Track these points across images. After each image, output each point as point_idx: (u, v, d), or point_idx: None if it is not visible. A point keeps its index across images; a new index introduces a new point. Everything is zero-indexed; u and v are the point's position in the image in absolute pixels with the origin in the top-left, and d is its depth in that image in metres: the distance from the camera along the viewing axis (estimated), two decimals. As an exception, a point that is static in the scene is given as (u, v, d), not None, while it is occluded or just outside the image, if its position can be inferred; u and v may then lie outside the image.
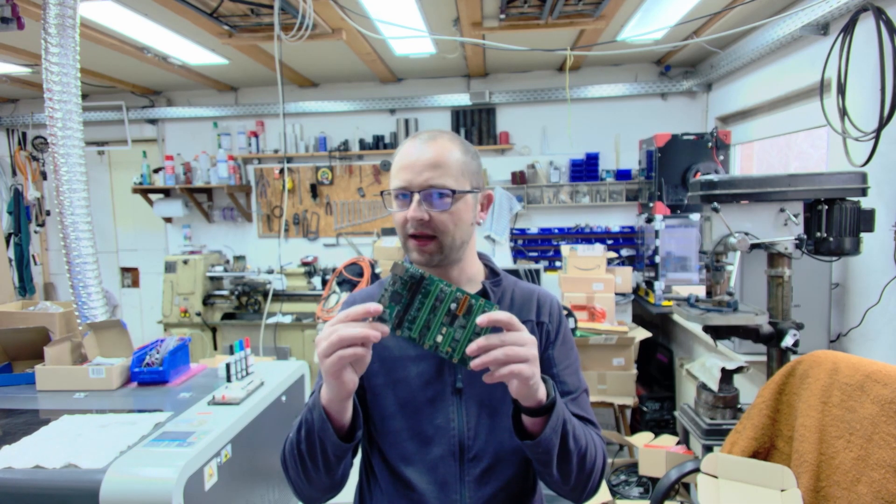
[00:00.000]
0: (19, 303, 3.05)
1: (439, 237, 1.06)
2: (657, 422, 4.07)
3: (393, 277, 0.90)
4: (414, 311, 0.89)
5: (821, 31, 2.91)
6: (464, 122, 5.17)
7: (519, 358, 0.86)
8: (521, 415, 0.96)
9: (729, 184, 2.25)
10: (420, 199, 1.04)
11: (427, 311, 0.89)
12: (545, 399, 0.93)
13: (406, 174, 1.05)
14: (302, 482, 1.04)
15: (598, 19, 3.39)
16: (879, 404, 1.53)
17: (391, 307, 0.89)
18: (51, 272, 5.90)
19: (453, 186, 1.05)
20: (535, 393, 0.91)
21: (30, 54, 3.90)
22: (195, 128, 5.47)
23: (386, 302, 0.89)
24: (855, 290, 2.67)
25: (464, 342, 0.88)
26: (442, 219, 1.05)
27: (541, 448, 0.95)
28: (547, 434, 0.94)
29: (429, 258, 1.07)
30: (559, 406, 0.95)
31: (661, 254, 4.20)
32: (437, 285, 0.89)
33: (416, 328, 0.89)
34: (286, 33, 2.93)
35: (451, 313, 0.89)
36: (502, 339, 0.86)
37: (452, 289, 0.90)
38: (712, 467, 1.79)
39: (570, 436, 0.98)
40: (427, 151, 1.05)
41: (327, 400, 0.94)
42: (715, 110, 4.66)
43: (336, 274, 4.11)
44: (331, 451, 0.97)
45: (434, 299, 0.89)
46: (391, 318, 0.89)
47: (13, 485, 1.36)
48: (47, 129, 2.30)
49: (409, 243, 1.08)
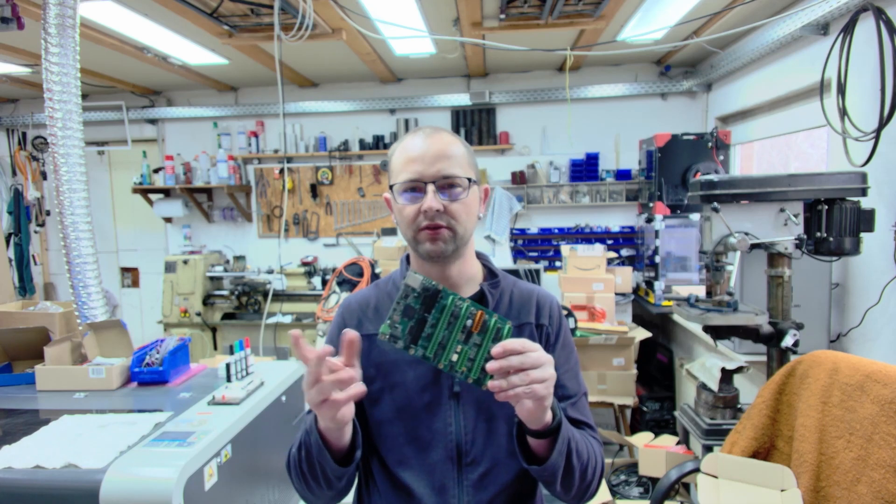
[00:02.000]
0: (19, 303, 3.05)
1: (453, 227, 1.05)
2: (657, 422, 4.07)
3: (405, 290, 0.85)
4: (429, 327, 0.85)
5: (821, 31, 2.91)
6: (464, 122, 5.17)
7: (536, 380, 0.84)
8: (526, 436, 0.95)
9: (729, 184, 2.25)
10: (435, 189, 1.03)
11: (443, 329, 0.85)
12: (552, 420, 0.92)
13: (416, 166, 1.04)
14: (306, 492, 1.06)
15: (598, 19, 3.39)
16: (879, 404, 1.53)
17: (403, 322, 0.85)
18: (51, 272, 5.90)
19: (464, 175, 1.05)
20: (544, 416, 0.90)
21: (30, 54, 3.89)
22: (195, 128, 5.47)
23: (398, 317, 0.85)
24: (855, 290, 2.67)
25: (479, 361, 0.85)
26: (456, 208, 1.04)
27: (547, 472, 0.95)
28: (554, 459, 0.93)
29: (443, 247, 1.05)
30: (565, 428, 0.94)
31: (661, 254, 4.20)
32: (453, 299, 0.86)
33: (432, 347, 0.85)
34: (286, 33, 2.93)
35: (467, 330, 0.85)
36: (522, 362, 0.83)
37: (466, 303, 0.86)
38: (712, 467, 1.79)
39: (574, 454, 0.97)
40: (434, 143, 1.05)
41: (324, 428, 0.94)
42: (715, 110, 4.66)
43: (336, 274, 4.10)
44: (330, 474, 0.98)
45: (450, 315, 0.85)
46: (403, 335, 0.85)
47: (13, 485, 1.36)
48: (47, 129, 2.30)
49: (421, 235, 1.05)
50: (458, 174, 1.04)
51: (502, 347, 0.84)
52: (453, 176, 1.04)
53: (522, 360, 0.84)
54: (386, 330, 0.86)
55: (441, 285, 0.87)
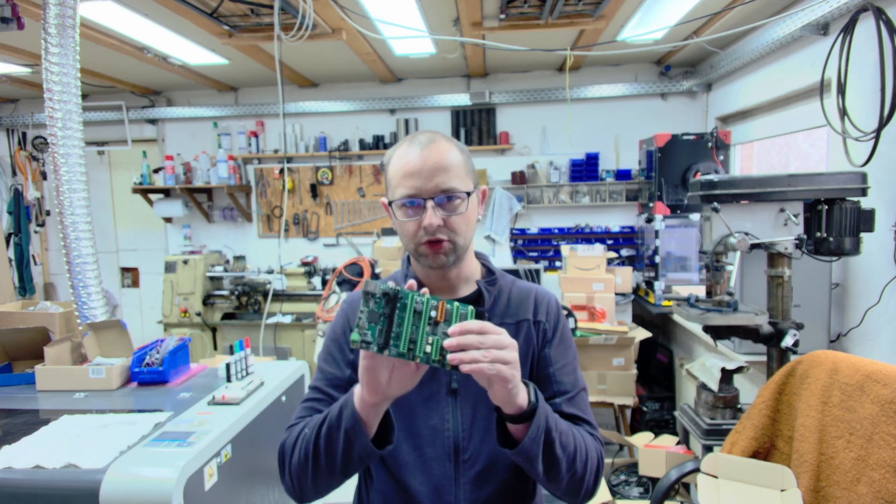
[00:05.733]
0: (19, 303, 3.05)
1: (453, 239, 1.05)
2: (657, 422, 4.07)
3: (366, 297, 0.88)
4: (396, 327, 0.87)
5: (821, 31, 2.91)
6: (464, 122, 5.17)
7: (499, 359, 0.85)
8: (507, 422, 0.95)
9: (729, 184, 2.25)
10: (434, 205, 1.03)
11: (409, 325, 0.87)
12: (526, 405, 0.92)
13: (414, 181, 1.03)
14: (304, 479, 1.02)
15: (598, 19, 3.39)
16: (879, 404, 1.53)
17: (371, 328, 0.87)
18: (51, 272, 5.90)
19: (463, 188, 1.05)
20: (515, 398, 0.89)
21: (30, 54, 3.90)
22: (195, 128, 5.47)
23: (365, 324, 0.87)
24: (855, 290, 2.67)
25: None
26: (456, 221, 1.04)
27: (521, 457, 0.94)
28: (526, 443, 0.92)
29: (444, 260, 1.06)
30: (540, 414, 0.93)
31: (661, 254, 4.20)
32: (412, 296, 0.88)
33: (403, 343, 0.87)
34: (286, 33, 2.93)
35: (433, 321, 0.88)
36: (481, 341, 0.85)
37: (426, 297, 0.89)
38: (712, 467, 1.79)
39: (557, 444, 0.96)
40: (430, 156, 1.03)
41: (364, 402, 0.93)
42: (715, 110, 4.66)
43: (336, 274, 4.10)
44: (357, 453, 0.95)
45: (413, 311, 0.88)
46: (374, 339, 0.87)
47: (13, 485, 1.36)
48: (47, 129, 2.30)
49: (422, 249, 1.06)
50: (456, 187, 1.04)
51: (459, 327, 0.86)
52: (452, 190, 1.03)
53: (482, 340, 0.85)
54: (356, 338, 0.87)
55: (399, 287, 0.89)
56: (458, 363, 0.84)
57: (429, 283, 1.13)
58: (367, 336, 0.87)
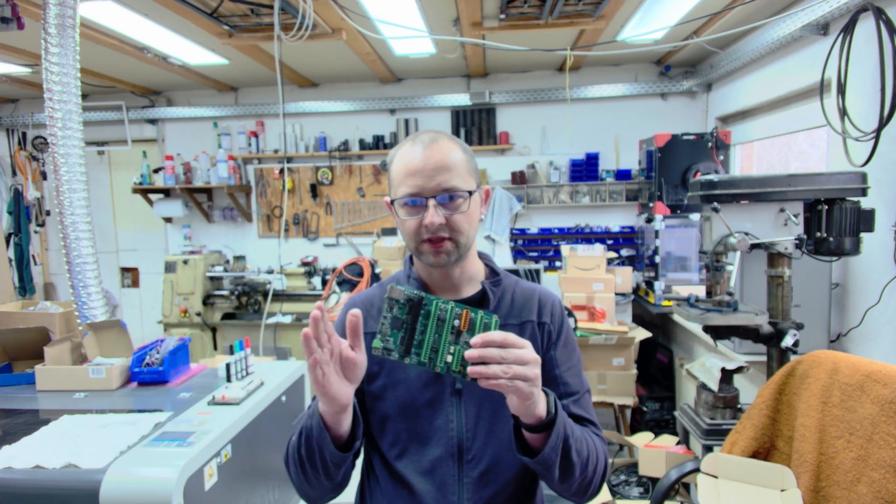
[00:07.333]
0: (19, 303, 3.05)
1: (455, 237, 1.05)
2: (657, 422, 4.07)
3: (389, 303, 0.87)
4: (418, 335, 0.87)
5: (821, 31, 2.91)
6: (464, 122, 5.17)
7: (519, 376, 0.84)
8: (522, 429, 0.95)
9: (729, 184, 2.25)
10: (436, 204, 1.03)
11: (432, 333, 0.87)
12: (545, 415, 0.92)
13: (416, 180, 1.03)
14: (303, 483, 1.05)
15: (598, 19, 3.39)
16: (879, 404, 1.53)
17: (394, 334, 0.87)
18: (51, 272, 5.90)
19: (465, 187, 1.05)
20: (533, 410, 0.90)
21: (30, 54, 3.89)
22: (195, 128, 5.47)
23: (387, 330, 0.87)
24: (855, 290, 2.67)
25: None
26: (458, 220, 1.04)
27: (540, 466, 0.95)
28: (546, 452, 0.93)
29: (446, 259, 1.06)
30: (559, 423, 0.94)
31: (661, 254, 4.20)
32: (437, 304, 0.87)
33: (425, 352, 0.87)
34: (286, 33, 2.93)
35: (456, 330, 0.87)
36: (503, 356, 0.84)
37: (451, 305, 0.88)
38: (712, 467, 1.79)
39: (573, 450, 0.97)
40: (433, 155, 1.04)
41: (323, 411, 0.95)
42: (715, 110, 4.66)
43: (336, 274, 4.11)
44: (329, 459, 0.98)
45: (437, 319, 0.87)
46: (396, 346, 0.87)
47: (13, 485, 1.36)
48: (47, 129, 2.30)
49: (424, 247, 1.06)
50: (458, 186, 1.04)
51: (481, 338, 0.85)
52: (453, 189, 1.03)
53: (503, 354, 0.84)
54: (378, 344, 0.87)
55: (423, 293, 0.88)
56: (478, 376, 0.84)
57: (432, 282, 1.14)
58: (388, 343, 0.86)
